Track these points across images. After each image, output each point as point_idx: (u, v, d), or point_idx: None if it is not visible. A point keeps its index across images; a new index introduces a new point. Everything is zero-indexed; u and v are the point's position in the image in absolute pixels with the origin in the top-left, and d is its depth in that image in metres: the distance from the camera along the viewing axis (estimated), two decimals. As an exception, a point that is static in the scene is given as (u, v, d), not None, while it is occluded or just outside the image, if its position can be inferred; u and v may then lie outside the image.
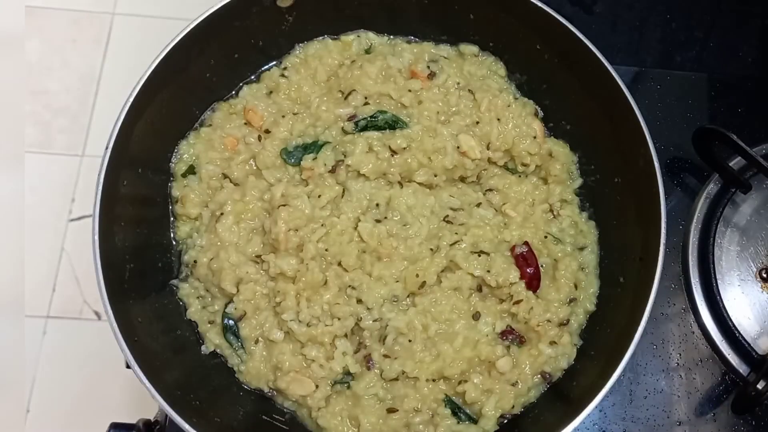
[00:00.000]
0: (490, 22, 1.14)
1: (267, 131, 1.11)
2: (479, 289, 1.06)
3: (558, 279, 1.07)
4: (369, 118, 1.09)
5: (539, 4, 1.06)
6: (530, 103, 1.16)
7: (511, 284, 1.04)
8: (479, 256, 1.05)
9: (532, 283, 1.06)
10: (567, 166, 1.14)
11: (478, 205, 1.10)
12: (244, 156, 1.10)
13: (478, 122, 1.11)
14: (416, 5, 1.14)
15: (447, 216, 1.08)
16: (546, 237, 1.09)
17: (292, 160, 1.09)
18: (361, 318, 1.02)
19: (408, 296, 1.04)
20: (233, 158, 1.10)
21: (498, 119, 1.11)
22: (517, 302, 1.04)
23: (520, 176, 1.14)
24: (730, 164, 1.19)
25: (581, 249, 1.11)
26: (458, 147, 1.09)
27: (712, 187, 1.22)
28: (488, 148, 1.11)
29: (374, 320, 1.02)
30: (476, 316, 1.04)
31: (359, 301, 1.02)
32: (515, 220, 1.10)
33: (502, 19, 1.12)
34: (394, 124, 1.09)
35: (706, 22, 1.37)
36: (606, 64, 1.04)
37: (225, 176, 1.10)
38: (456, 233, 1.06)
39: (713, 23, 1.37)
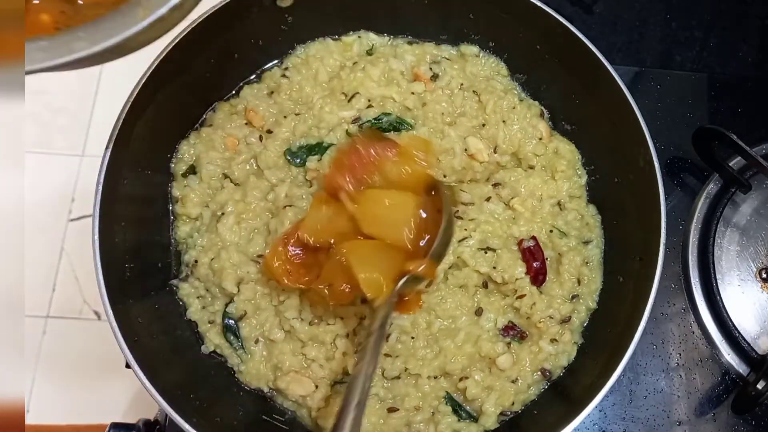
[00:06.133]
0: (489, 22, 1.13)
1: (269, 131, 1.11)
2: (485, 286, 1.06)
3: (561, 273, 1.07)
4: (373, 121, 1.09)
5: (539, 4, 1.06)
6: (535, 105, 1.16)
7: (517, 280, 1.04)
8: (486, 252, 1.05)
9: (538, 277, 1.06)
10: (573, 163, 1.14)
11: (488, 199, 1.09)
12: (245, 156, 1.10)
13: (484, 124, 1.11)
14: (416, 5, 1.14)
15: (457, 211, 1.07)
16: (552, 231, 1.09)
17: (297, 161, 1.09)
18: (364, 317, 1.01)
19: (414, 293, 1.04)
20: (234, 158, 1.10)
21: (504, 121, 1.11)
22: (521, 296, 1.04)
23: (526, 171, 1.14)
24: (730, 164, 1.19)
25: (586, 243, 1.10)
26: (466, 149, 1.09)
27: (712, 187, 1.22)
28: (495, 152, 1.11)
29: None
30: (479, 312, 1.04)
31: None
32: (523, 215, 1.09)
33: (502, 19, 1.11)
34: (398, 126, 1.09)
35: (706, 22, 1.37)
36: (606, 64, 1.04)
37: (225, 176, 1.10)
38: (465, 229, 1.06)
39: (713, 23, 1.37)
